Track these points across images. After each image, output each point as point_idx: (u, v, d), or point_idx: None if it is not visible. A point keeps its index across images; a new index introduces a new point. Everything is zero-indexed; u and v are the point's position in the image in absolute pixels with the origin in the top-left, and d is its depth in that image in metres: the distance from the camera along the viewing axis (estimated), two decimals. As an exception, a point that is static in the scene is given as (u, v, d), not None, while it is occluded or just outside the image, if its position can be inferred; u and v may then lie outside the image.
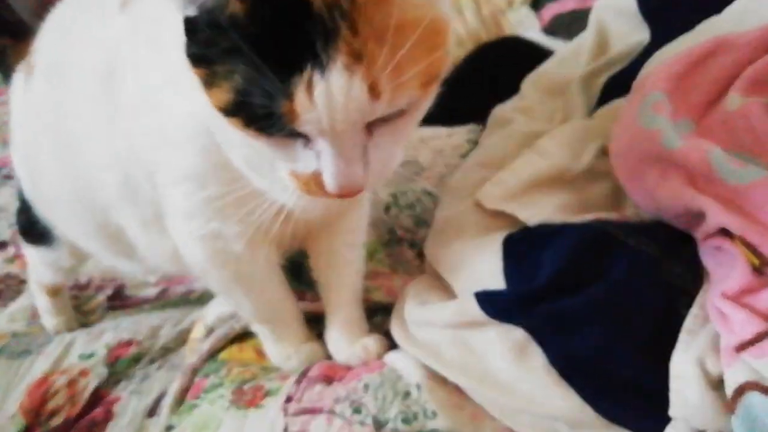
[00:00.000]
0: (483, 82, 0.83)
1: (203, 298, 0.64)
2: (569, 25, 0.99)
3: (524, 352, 0.40)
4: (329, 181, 0.29)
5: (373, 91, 0.25)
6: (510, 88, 0.67)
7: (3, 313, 0.68)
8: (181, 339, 0.58)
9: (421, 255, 0.55)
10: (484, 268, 0.45)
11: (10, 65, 0.53)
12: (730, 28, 0.49)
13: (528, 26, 1.10)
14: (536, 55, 0.80)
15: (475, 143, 0.62)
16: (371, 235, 0.56)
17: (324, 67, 0.24)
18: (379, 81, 0.25)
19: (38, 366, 0.55)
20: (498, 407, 0.40)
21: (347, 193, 0.29)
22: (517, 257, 0.45)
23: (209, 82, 0.26)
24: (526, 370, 0.39)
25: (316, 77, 0.24)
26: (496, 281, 0.44)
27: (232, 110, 0.27)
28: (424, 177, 0.60)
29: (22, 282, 0.71)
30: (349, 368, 0.47)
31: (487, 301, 0.42)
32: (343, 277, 0.49)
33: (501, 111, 0.63)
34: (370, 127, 0.28)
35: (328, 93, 0.25)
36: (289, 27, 0.24)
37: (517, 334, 0.40)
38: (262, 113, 0.26)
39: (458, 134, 0.64)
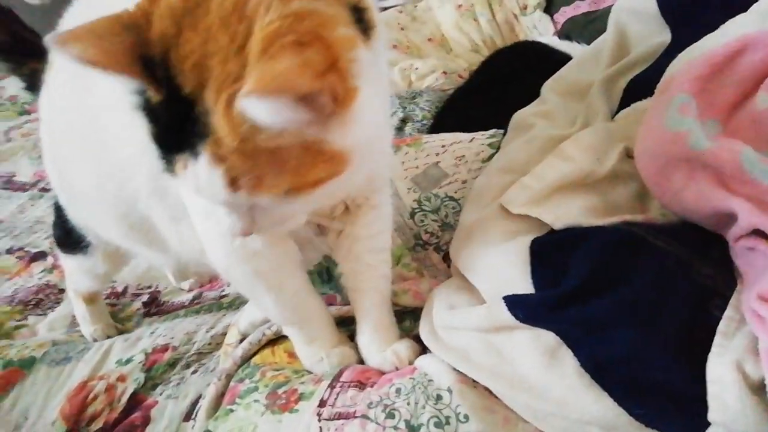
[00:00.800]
0: (499, 86, 0.83)
1: (235, 302, 0.66)
2: (583, 27, 0.99)
3: (555, 356, 0.40)
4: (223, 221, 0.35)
5: (233, 185, 0.31)
6: (526, 93, 0.67)
7: (43, 321, 0.70)
8: (215, 343, 0.59)
9: (447, 258, 0.56)
10: (512, 272, 0.45)
11: (40, 86, 0.54)
12: (755, 27, 0.49)
13: (542, 30, 1.10)
14: (551, 59, 0.80)
15: (496, 148, 0.62)
16: (397, 240, 0.57)
17: (196, 156, 0.30)
18: (238, 179, 0.30)
19: (78, 372, 0.57)
20: (530, 411, 0.40)
21: (238, 234, 0.35)
22: (545, 261, 0.45)
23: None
24: (557, 374, 0.39)
25: (190, 160, 0.31)
26: (524, 285, 0.44)
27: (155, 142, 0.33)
28: (447, 182, 0.60)
29: (61, 291, 0.74)
30: (381, 372, 0.47)
31: (516, 305, 0.42)
32: (369, 282, 0.49)
33: (522, 116, 0.63)
34: None
35: (196, 175, 0.31)
36: (184, 116, 0.30)
37: (547, 338, 0.40)
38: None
39: (479, 139, 0.64)
